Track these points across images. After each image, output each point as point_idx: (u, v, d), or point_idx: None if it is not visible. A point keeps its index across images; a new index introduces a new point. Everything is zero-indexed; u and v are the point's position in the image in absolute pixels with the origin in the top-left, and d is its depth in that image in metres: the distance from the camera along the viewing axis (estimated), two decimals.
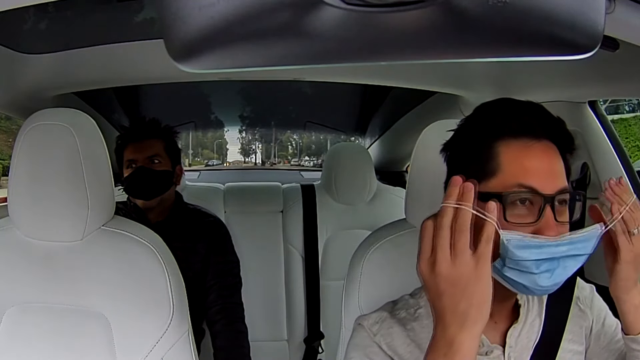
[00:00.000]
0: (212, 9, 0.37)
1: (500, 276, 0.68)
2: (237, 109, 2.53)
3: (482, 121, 0.71)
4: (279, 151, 4.27)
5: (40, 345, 0.90)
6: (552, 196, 0.65)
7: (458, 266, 0.57)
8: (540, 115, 0.69)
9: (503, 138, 0.68)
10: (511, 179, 0.66)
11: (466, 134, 0.73)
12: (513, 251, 0.64)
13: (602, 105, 1.28)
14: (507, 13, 0.38)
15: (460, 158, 0.73)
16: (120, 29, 1.10)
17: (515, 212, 0.65)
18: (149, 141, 1.47)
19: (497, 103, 0.72)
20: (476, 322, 0.58)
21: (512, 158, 0.67)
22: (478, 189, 0.63)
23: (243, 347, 1.50)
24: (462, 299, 0.57)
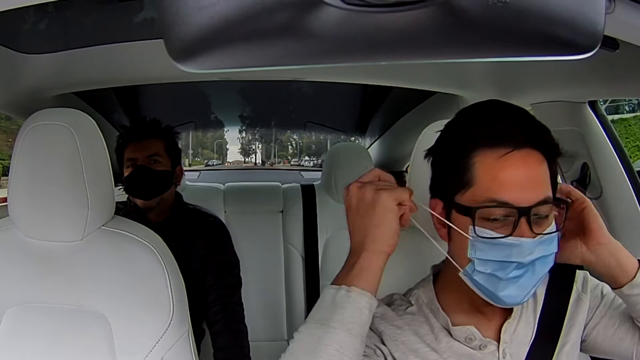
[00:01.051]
0: (212, 9, 0.37)
1: (472, 282, 0.69)
2: (237, 109, 2.53)
3: (460, 129, 0.71)
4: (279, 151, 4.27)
5: (40, 345, 0.89)
6: (528, 208, 0.65)
7: (364, 188, 0.67)
8: (522, 121, 0.68)
9: (479, 148, 0.66)
10: (484, 193, 0.66)
11: (445, 142, 0.73)
12: (480, 250, 0.66)
13: (602, 106, 1.28)
14: (507, 13, 0.38)
15: (439, 166, 0.73)
16: (120, 29, 1.10)
17: (489, 225, 0.66)
18: (149, 141, 1.47)
19: (477, 108, 0.72)
20: (375, 240, 0.65)
21: (486, 170, 0.66)
22: (454, 200, 0.68)
23: (243, 347, 1.50)
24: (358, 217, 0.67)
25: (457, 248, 0.70)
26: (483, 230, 0.66)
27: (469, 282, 0.70)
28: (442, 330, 0.75)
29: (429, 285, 0.79)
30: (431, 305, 0.77)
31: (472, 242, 0.67)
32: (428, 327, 0.76)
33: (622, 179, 1.25)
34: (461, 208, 0.67)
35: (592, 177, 1.27)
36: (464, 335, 0.74)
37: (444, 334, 0.75)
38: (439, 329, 0.75)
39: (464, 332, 0.74)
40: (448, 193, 0.70)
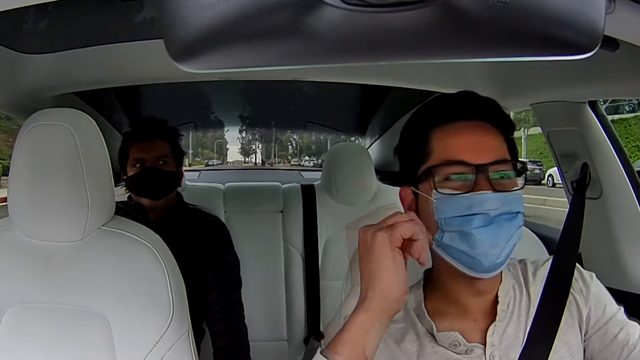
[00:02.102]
0: (212, 9, 0.37)
1: (445, 251, 0.70)
2: (237, 109, 2.54)
3: (417, 114, 0.76)
4: (279, 151, 4.28)
5: (40, 345, 0.89)
6: (484, 166, 0.67)
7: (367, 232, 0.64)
8: (470, 99, 0.73)
9: (435, 126, 0.72)
10: (440, 157, 0.70)
11: (404, 132, 0.78)
12: (443, 209, 0.68)
13: (602, 106, 1.28)
14: (507, 13, 0.38)
15: (403, 155, 0.77)
16: (121, 29, 1.10)
17: (450, 186, 0.68)
18: (157, 141, 1.48)
19: (431, 99, 0.77)
20: (374, 295, 0.63)
21: (441, 140, 0.71)
22: (417, 173, 0.71)
23: (243, 347, 1.50)
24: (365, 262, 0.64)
25: (426, 220, 0.70)
26: (444, 190, 0.68)
27: (442, 253, 0.70)
28: (428, 336, 0.75)
29: (418, 290, 0.79)
30: (418, 310, 0.77)
31: (435, 204, 0.69)
32: (414, 333, 0.76)
33: (622, 179, 1.25)
34: (423, 176, 0.71)
35: (592, 177, 1.27)
36: (448, 341, 0.74)
37: (429, 339, 0.75)
38: (423, 335, 0.75)
39: (448, 338, 0.74)
40: (411, 172, 0.73)
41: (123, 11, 1.03)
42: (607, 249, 1.28)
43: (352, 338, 0.63)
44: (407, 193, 0.75)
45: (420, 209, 0.73)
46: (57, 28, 1.07)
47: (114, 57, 1.22)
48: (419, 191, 0.72)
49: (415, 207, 0.74)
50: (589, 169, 1.27)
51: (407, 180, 0.76)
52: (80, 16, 1.04)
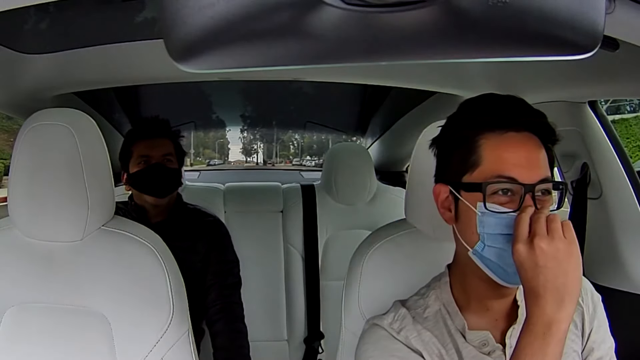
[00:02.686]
0: (212, 9, 0.37)
1: (481, 261, 0.70)
2: (238, 109, 2.53)
3: (464, 117, 0.75)
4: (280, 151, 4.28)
5: (40, 345, 0.89)
6: (533, 185, 0.68)
7: (556, 241, 0.62)
8: (520, 108, 0.72)
9: (483, 132, 0.71)
10: (491, 170, 0.69)
11: (450, 130, 0.76)
12: (489, 224, 0.68)
13: (603, 106, 1.28)
14: (507, 13, 0.38)
15: (445, 153, 0.76)
16: (121, 29, 1.10)
17: (497, 201, 0.69)
18: (162, 140, 1.48)
19: (479, 99, 0.75)
20: (572, 297, 0.62)
21: (491, 150, 0.70)
22: (462, 180, 0.71)
23: (243, 346, 1.50)
24: (559, 273, 0.61)
25: (465, 227, 0.72)
26: (492, 205, 0.68)
27: (478, 262, 0.71)
28: (457, 332, 0.75)
29: (445, 286, 0.79)
30: (448, 307, 0.77)
31: (480, 217, 0.69)
32: (446, 329, 0.76)
33: (622, 179, 1.25)
34: (471, 186, 0.70)
35: (592, 177, 1.27)
36: (478, 339, 0.74)
37: (458, 335, 0.75)
38: (454, 331, 0.76)
39: (479, 337, 0.74)
40: (456, 175, 0.73)
41: (123, 11, 1.03)
42: (607, 249, 1.28)
43: None
44: (442, 191, 0.75)
45: (461, 214, 0.73)
46: (57, 28, 1.07)
47: (114, 57, 1.22)
48: (461, 198, 0.72)
49: (455, 209, 0.74)
50: (589, 169, 1.27)
51: (446, 180, 0.75)
52: (80, 16, 1.04)
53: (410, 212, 0.99)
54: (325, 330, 1.85)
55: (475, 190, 0.69)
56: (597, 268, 1.29)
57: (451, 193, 0.74)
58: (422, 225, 0.95)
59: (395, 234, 0.98)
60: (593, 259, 1.30)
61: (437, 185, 0.76)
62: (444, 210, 0.76)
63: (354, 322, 0.86)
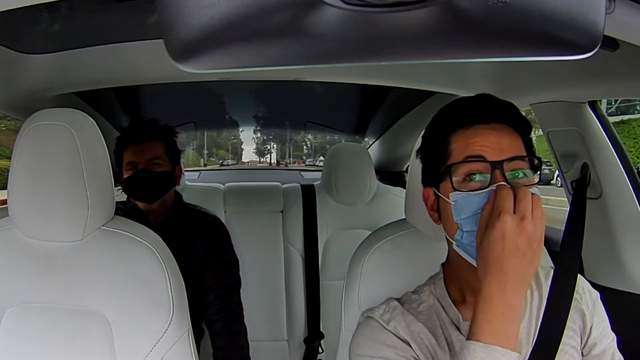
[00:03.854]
0: (212, 9, 0.37)
1: (463, 250, 0.71)
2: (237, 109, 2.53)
3: (438, 118, 0.79)
4: (294, 151, 4.28)
5: (40, 345, 0.89)
6: (500, 162, 0.69)
7: (537, 227, 0.63)
8: (487, 103, 0.75)
9: (454, 130, 0.74)
10: (460, 156, 0.72)
11: (428, 135, 0.80)
12: (462, 209, 0.69)
13: (612, 106, 1.28)
14: (507, 13, 0.38)
15: (425, 158, 0.80)
16: (120, 29, 1.10)
17: (467, 187, 0.70)
18: (149, 143, 1.47)
19: (450, 104, 0.79)
20: (528, 282, 0.63)
21: (461, 141, 0.73)
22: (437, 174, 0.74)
23: (242, 347, 1.50)
24: (529, 262, 0.62)
25: (446, 221, 0.75)
26: (462, 184, 0.71)
27: (461, 252, 0.72)
28: (452, 325, 0.77)
29: (440, 282, 0.81)
30: (442, 300, 0.79)
31: (454, 206, 0.71)
32: (440, 322, 0.77)
33: (622, 179, 1.25)
34: (442, 175, 0.73)
35: (592, 177, 1.27)
36: None
37: (453, 328, 0.76)
38: (449, 324, 0.77)
39: None
40: (433, 174, 0.76)
41: (123, 11, 1.03)
42: (607, 249, 1.28)
43: None
44: (429, 194, 0.78)
45: (442, 210, 0.76)
46: (57, 28, 1.07)
47: (114, 57, 1.22)
48: (439, 194, 0.75)
49: (437, 207, 0.77)
50: (589, 169, 1.27)
51: (429, 182, 0.78)
52: (80, 16, 1.04)
53: (410, 212, 0.99)
54: (325, 330, 1.85)
55: (446, 177, 0.72)
56: (597, 268, 1.29)
57: (435, 194, 0.77)
58: (422, 225, 0.95)
59: (395, 234, 0.98)
60: (593, 259, 1.30)
61: (424, 190, 0.79)
62: (432, 212, 0.79)
63: (354, 322, 0.86)
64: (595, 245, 1.28)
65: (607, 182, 1.26)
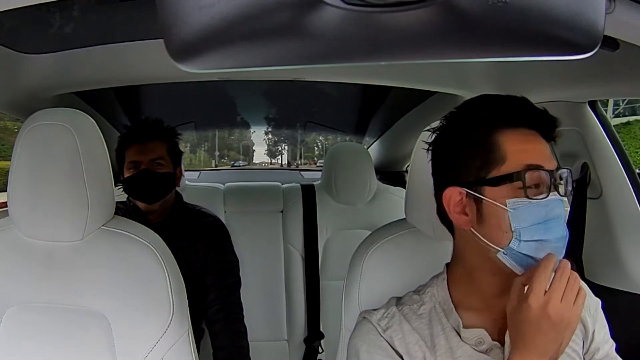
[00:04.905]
0: (212, 9, 0.37)
1: (512, 259, 0.69)
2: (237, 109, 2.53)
3: (478, 115, 0.73)
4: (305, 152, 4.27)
5: (40, 345, 0.90)
6: (555, 171, 0.70)
7: (565, 313, 0.65)
8: (530, 106, 0.73)
9: (499, 128, 0.71)
10: (520, 162, 0.69)
11: (459, 130, 0.74)
12: (522, 218, 0.67)
13: (619, 107, 1.28)
14: (507, 13, 0.38)
15: (456, 155, 0.74)
16: (120, 29, 1.10)
17: (529, 193, 0.69)
18: (152, 143, 1.47)
19: (483, 98, 0.75)
20: (555, 356, 0.67)
21: (515, 145, 0.70)
22: (487, 176, 0.69)
23: (242, 347, 1.50)
24: (553, 341, 0.66)
25: (493, 228, 0.70)
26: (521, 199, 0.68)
27: (508, 262, 0.69)
28: (452, 331, 0.76)
29: (442, 284, 0.79)
30: (444, 305, 0.77)
31: (513, 213, 0.68)
32: (440, 327, 0.76)
33: (622, 179, 1.25)
34: (502, 178, 0.69)
35: (592, 177, 1.27)
36: (474, 338, 0.74)
37: (453, 334, 0.75)
38: (449, 330, 0.76)
39: (474, 335, 0.74)
40: (477, 175, 0.71)
41: (123, 11, 1.03)
42: (607, 249, 1.27)
43: None
44: (454, 194, 0.72)
45: (487, 215, 0.70)
46: (57, 28, 1.07)
47: (114, 57, 1.22)
48: (486, 198, 0.70)
49: (477, 211, 0.71)
50: (589, 169, 1.27)
51: (460, 181, 0.72)
52: (80, 16, 1.04)
53: (410, 212, 0.99)
54: (325, 330, 1.85)
55: (507, 181, 0.68)
56: (597, 268, 1.29)
57: (469, 195, 0.71)
58: (422, 225, 0.95)
59: (395, 233, 0.98)
60: (593, 259, 1.30)
61: (447, 190, 0.73)
62: (458, 215, 0.72)
63: (354, 322, 0.86)
64: (595, 245, 1.28)
65: (607, 182, 1.26)
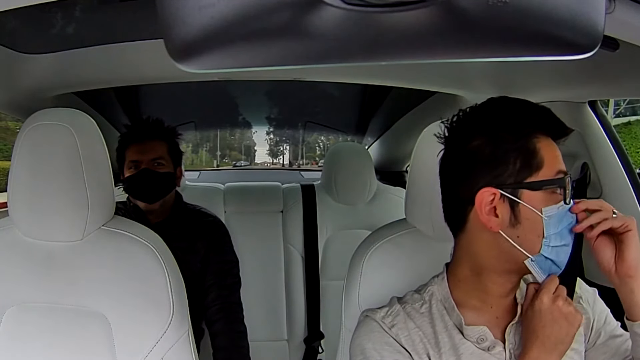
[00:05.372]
0: (212, 9, 0.37)
1: (539, 265, 0.72)
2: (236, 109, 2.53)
3: (517, 119, 0.74)
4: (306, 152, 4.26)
5: (40, 345, 0.90)
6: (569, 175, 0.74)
7: (571, 305, 0.72)
8: (553, 115, 0.75)
9: (537, 135, 0.73)
10: (553, 168, 0.72)
11: (498, 132, 0.73)
12: (554, 224, 0.70)
13: (620, 106, 1.28)
14: (507, 13, 0.38)
15: (494, 156, 0.73)
16: (120, 29, 1.10)
17: (555, 199, 0.72)
18: (153, 143, 1.47)
19: (516, 102, 0.75)
20: (565, 347, 0.72)
21: (547, 150, 0.73)
22: (526, 180, 0.72)
23: (242, 347, 1.50)
24: (565, 330, 0.71)
25: (528, 232, 0.71)
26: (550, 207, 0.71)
27: (534, 269, 0.72)
28: (455, 329, 0.76)
29: (443, 283, 0.79)
30: (445, 303, 0.78)
31: (547, 221, 0.71)
32: (442, 325, 0.77)
33: (622, 179, 1.25)
34: (543, 183, 0.72)
35: (592, 177, 1.27)
36: (476, 335, 0.75)
37: (456, 332, 0.76)
38: (451, 327, 0.76)
39: (476, 332, 0.75)
40: (516, 178, 0.72)
41: (123, 11, 1.03)
42: None
43: None
44: (486, 196, 0.72)
45: (523, 220, 0.71)
46: (57, 28, 1.07)
47: (114, 57, 1.22)
48: (523, 202, 0.71)
49: (512, 214, 0.71)
50: (588, 169, 1.27)
51: (496, 183, 0.72)
52: (80, 16, 1.04)
53: (410, 212, 0.99)
54: (325, 330, 1.85)
55: (548, 185, 0.71)
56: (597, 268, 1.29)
57: (503, 197, 0.71)
58: (422, 225, 0.95)
59: (395, 233, 0.98)
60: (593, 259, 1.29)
61: (481, 192, 0.72)
62: (489, 217, 0.72)
63: (354, 322, 0.86)
64: None
65: (607, 182, 1.26)
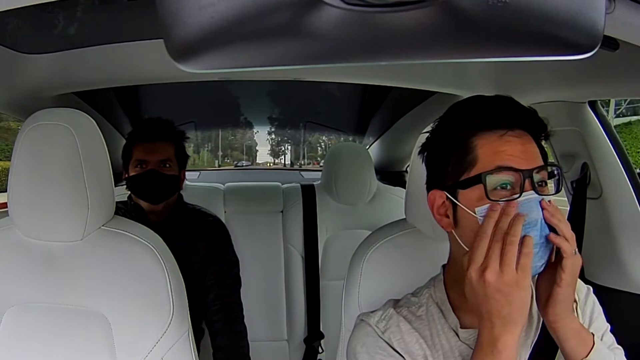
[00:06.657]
0: (212, 9, 0.37)
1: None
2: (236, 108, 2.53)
3: (456, 119, 0.74)
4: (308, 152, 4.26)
5: (40, 345, 0.90)
6: (530, 171, 0.68)
7: (505, 276, 0.64)
8: (511, 106, 0.72)
9: (477, 132, 0.71)
10: (489, 165, 0.69)
11: (441, 134, 0.75)
12: None
13: (621, 106, 1.28)
14: (507, 13, 0.38)
15: (438, 158, 0.75)
16: (120, 29, 1.10)
17: (498, 194, 0.68)
18: (161, 143, 1.46)
19: (467, 101, 0.75)
20: (517, 323, 0.65)
21: (487, 147, 0.70)
22: (460, 179, 0.70)
23: (242, 347, 1.50)
24: (505, 304, 0.64)
25: (466, 232, 0.71)
26: (495, 193, 0.68)
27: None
28: (451, 331, 0.76)
29: (440, 285, 0.79)
30: (442, 305, 0.78)
31: (477, 215, 0.68)
32: (439, 327, 0.77)
33: (622, 179, 1.25)
34: (469, 182, 0.70)
35: (592, 177, 1.27)
36: (472, 338, 0.74)
37: (452, 334, 0.76)
38: (448, 330, 0.76)
39: (472, 335, 0.74)
40: (452, 179, 0.72)
41: (123, 11, 1.03)
42: (607, 249, 1.28)
43: None
44: (437, 197, 0.74)
45: (460, 220, 0.72)
46: (57, 28, 1.07)
47: (114, 57, 1.22)
48: (459, 204, 0.71)
49: (453, 215, 0.73)
50: (588, 169, 1.27)
51: (439, 185, 0.74)
52: (80, 16, 1.04)
53: (410, 212, 0.99)
54: (325, 330, 1.85)
55: (474, 183, 0.69)
56: (597, 268, 1.29)
57: (448, 199, 0.73)
58: (422, 225, 0.95)
59: (395, 234, 0.98)
60: (592, 259, 1.30)
61: (431, 192, 0.75)
62: (440, 217, 0.74)
63: (354, 322, 0.86)
64: (595, 245, 1.28)
65: (607, 182, 1.26)
